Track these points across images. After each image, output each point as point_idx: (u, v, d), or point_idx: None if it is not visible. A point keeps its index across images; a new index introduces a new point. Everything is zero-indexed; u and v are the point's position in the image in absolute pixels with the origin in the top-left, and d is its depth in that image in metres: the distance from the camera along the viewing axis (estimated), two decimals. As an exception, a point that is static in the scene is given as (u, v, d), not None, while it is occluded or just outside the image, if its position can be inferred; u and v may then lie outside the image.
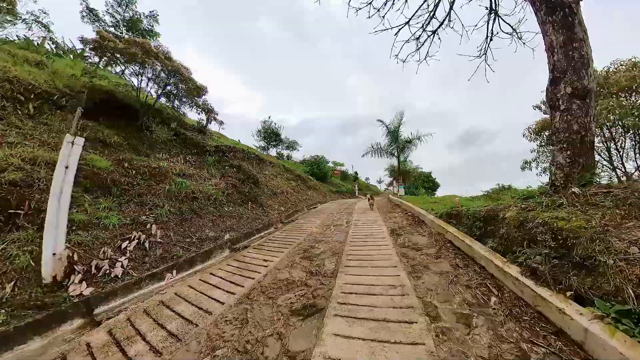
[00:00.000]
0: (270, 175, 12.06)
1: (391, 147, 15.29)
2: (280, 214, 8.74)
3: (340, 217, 7.03)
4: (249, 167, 10.99)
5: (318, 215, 8.20)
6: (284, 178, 13.23)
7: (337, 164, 31.58)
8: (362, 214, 7.50)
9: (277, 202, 9.82)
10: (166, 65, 8.99)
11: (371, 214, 7.53)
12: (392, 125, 14.80)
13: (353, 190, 25.70)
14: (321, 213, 8.77)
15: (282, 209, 9.32)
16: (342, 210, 8.87)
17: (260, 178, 10.68)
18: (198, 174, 8.42)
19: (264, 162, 12.83)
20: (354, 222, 6.25)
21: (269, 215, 8.37)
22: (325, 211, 9.12)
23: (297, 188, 13.16)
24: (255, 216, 7.77)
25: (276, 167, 13.86)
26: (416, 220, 5.73)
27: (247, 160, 11.67)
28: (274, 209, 9.05)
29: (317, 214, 8.55)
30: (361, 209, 8.95)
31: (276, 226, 7.51)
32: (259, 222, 7.48)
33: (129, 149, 7.25)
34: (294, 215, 9.08)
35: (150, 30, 19.11)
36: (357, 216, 6.88)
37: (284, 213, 8.96)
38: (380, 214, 7.30)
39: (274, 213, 8.76)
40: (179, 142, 10.88)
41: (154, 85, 9.65)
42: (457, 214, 4.31)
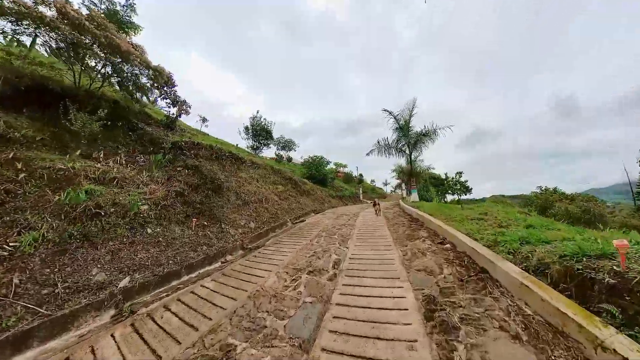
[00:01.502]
0: (248, 178, 9.42)
1: (401, 143, 12.42)
2: (245, 235, 6.06)
3: (328, 247, 4.26)
4: (216, 168, 8.40)
5: (298, 239, 5.45)
6: (268, 182, 10.58)
7: (339, 165, 28.79)
8: (366, 241, 4.68)
9: (247, 214, 7.14)
10: (97, 36, 6.56)
11: (380, 240, 4.68)
12: (402, 116, 11.94)
13: (357, 194, 22.81)
14: (306, 233, 6.01)
15: (251, 226, 6.64)
16: (337, 228, 6.07)
17: (230, 182, 8.05)
18: (133, 178, 5.86)
19: (242, 162, 10.22)
20: (348, 263, 3.43)
21: (227, 237, 5.71)
22: (312, 229, 6.35)
23: (285, 194, 10.47)
24: (199, 240, 5.13)
25: (261, 168, 11.23)
26: (465, 262, 2.89)
27: (217, 160, 9.07)
28: (239, 226, 6.38)
29: (299, 236, 5.80)
30: (365, 225, 6.12)
31: (229, 256, 4.82)
32: (203, 249, 4.80)
33: (51, 146, 5.07)
34: (266, 236, 6.37)
35: (129, 22, 17.06)
36: (356, 249, 4.05)
37: (252, 233, 6.28)
38: (396, 240, 4.45)
39: (238, 232, 6.09)
40: (135, 138, 8.44)
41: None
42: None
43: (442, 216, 5.59)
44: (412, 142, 11.77)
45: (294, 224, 7.79)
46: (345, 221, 6.72)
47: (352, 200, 19.40)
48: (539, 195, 9.58)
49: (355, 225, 5.97)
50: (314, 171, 17.58)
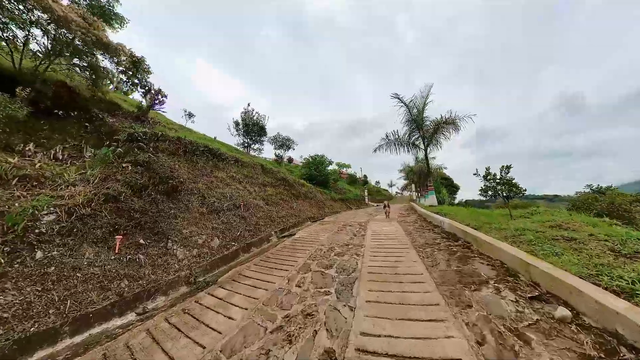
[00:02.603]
0: (226, 178, 7.54)
1: (414, 136, 10.36)
2: (200, 259, 4.13)
3: (314, 303, 2.28)
4: (181, 165, 6.55)
5: (272, 272, 3.43)
6: (255, 183, 8.68)
7: (342, 165, 26.79)
8: (386, 288, 2.64)
9: (212, 226, 5.23)
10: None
11: (412, 286, 2.60)
12: (414, 104, 9.90)
13: (362, 197, 20.73)
14: (289, 258, 3.99)
15: (213, 244, 4.71)
16: (336, 252, 4.04)
17: (196, 183, 6.19)
18: (56, 177, 4.08)
19: (222, 159, 8.36)
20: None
21: (170, 263, 3.81)
22: (299, 252, 4.33)
23: (275, 198, 8.54)
24: (121, 269, 3.24)
25: (248, 167, 9.35)
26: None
27: (187, 155, 7.22)
28: (194, 245, 4.45)
29: (277, 263, 3.77)
30: (379, 247, 4.05)
31: (159, 298, 2.86)
32: (121, 286, 2.87)
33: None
34: (232, 260, 4.40)
35: (112, 13, 15.60)
36: (370, 315, 2.05)
37: (214, 255, 4.34)
38: (441, 286, 2.39)
39: (190, 255, 4.16)
40: (91, 130, 6.73)
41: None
42: None
43: (496, 232, 3.55)
44: (428, 135, 9.70)
45: (280, 239, 5.83)
46: (349, 238, 4.70)
47: (357, 204, 17.33)
48: (595, 197, 7.36)
49: (363, 247, 3.95)
50: (314, 172, 15.63)
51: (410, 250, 3.45)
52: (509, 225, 4.38)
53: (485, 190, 5.17)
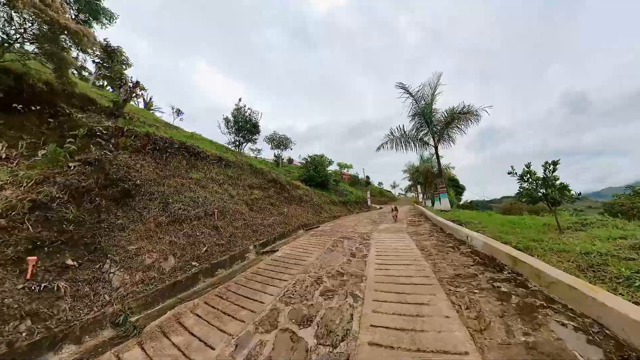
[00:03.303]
0: (203, 180, 6.40)
1: (422, 131, 9.09)
2: (143, 287, 2.95)
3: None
4: (146, 164, 5.44)
5: (224, 322, 2.21)
6: (239, 185, 7.52)
7: (343, 165, 25.50)
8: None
9: (169, 240, 4.06)
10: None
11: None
12: (422, 95, 8.64)
13: (364, 199, 19.42)
14: (258, 291, 2.75)
15: (166, 265, 3.52)
16: (323, 290, 2.81)
17: (162, 186, 5.06)
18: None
19: (201, 157, 7.23)
20: None
21: (99, 294, 2.62)
22: (275, 283, 3.11)
23: (262, 202, 7.36)
24: (26, 305, 2.00)
25: (234, 167, 8.21)
26: None
27: (157, 153, 6.10)
28: (140, 267, 3.28)
29: (229, 311, 2.54)
30: (389, 282, 2.80)
31: None
32: (12, 336, 1.55)
33: None
34: (183, 292, 3.16)
35: (99, 8, 14.71)
36: None
37: (164, 280, 3.15)
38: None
39: (132, 281, 2.98)
40: (54, 125, 5.78)
41: None
42: None
43: (555, 255, 2.30)
44: (438, 130, 8.42)
45: (259, 255, 4.62)
46: (345, 260, 3.44)
47: (359, 207, 16.04)
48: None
49: (363, 281, 2.70)
50: (313, 172, 14.43)
51: (436, 291, 2.20)
52: (565, 243, 3.11)
53: (524, 195, 3.89)
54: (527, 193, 3.85)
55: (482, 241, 3.27)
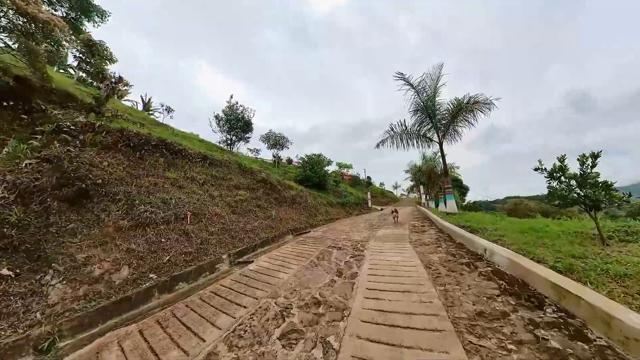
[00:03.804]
0: (182, 179, 5.72)
1: (425, 126, 8.29)
2: (81, 304, 2.21)
3: None
4: (112, 161, 4.76)
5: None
6: (224, 185, 6.82)
7: (342, 165, 24.60)
8: None
9: (126, 248, 3.34)
10: None
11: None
12: (423, 87, 7.85)
13: (364, 200, 18.60)
14: (188, 331, 1.99)
15: (117, 277, 2.77)
16: (286, 323, 2.06)
17: (130, 185, 4.39)
18: None
19: (182, 155, 6.55)
20: None
21: (28, 312, 1.87)
22: (222, 314, 2.34)
23: (247, 204, 6.63)
24: None
25: (220, 166, 7.52)
26: None
27: (131, 150, 5.45)
28: (86, 280, 2.53)
29: (156, 349, 1.79)
30: (380, 316, 2.03)
31: None
32: None
33: None
34: (129, 311, 2.33)
35: (90, 5, 14.16)
36: None
37: (112, 295, 2.40)
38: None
39: (73, 295, 2.25)
40: (27, 122, 5.20)
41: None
42: None
43: (613, 282, 1.47)
44: (443, 124, 7.60)
45: (233, 266, 3.88)
46: (328, 281, 2.65)
47: (358, 209, 15.22)
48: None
49: (345, 317, 1.94)
50: (309, 172, 13.69)
51: (450, 343, 1.42)
52: (620, 261, 2.31)
53: (555, 196, 3.08)
54: (561, 195, 3.04)
55: (506, 258, 2.47)
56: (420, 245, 3.66)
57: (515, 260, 2.40)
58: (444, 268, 2.65)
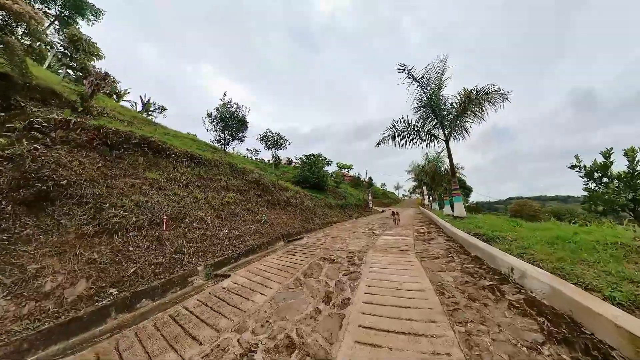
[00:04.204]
0: (164, 180, 5.19)
1: (429, 123, 7.67)
2: (25, 323, 1.64)
3: None
4: (84, 160, 4.22)
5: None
6: (212, 187, 6.27)
7: (342, 166, 23.91)
8: None
9: (86, 259, 2.77)
10: None
11: None
12: (427, 81, 7.25)
13: (365, 202, 17.95)
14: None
15: (69, 293, 2.17)
16: None
17: (101, 187, 3.85)
18: None
19: (166, 155, 6.02)
20: None
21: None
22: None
23: (237, 208, 6.07)
24: None
25: (206, 166, 6.97)
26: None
27: (108, 149, 4.91)
28: (35, 295, 1.95)
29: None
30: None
31: None
32: None
33: None
34: (80, 334, 1.82)
35: (84, 3, 13.78)
36: None
37: (44, 322, 1.82)
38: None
39: (21, 311, 1.79)
40: (4, 119, 4.66)
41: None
42: None
43: None
44: (450, 119, 6.97)
45: (209, 280, 3.30)
46: (310, 310, 2.07)
47: (359, 211, 14.59)
48: None
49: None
50: (307, 173, 13.12)
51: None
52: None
53: (600, 200, 2.47)
54: (609, 199, 2.42)
55: (546, 284, 1.86)
56: (428, 259, 3.05)
57: (558, 288, 1.79)
58: (462, 294, 2.04)
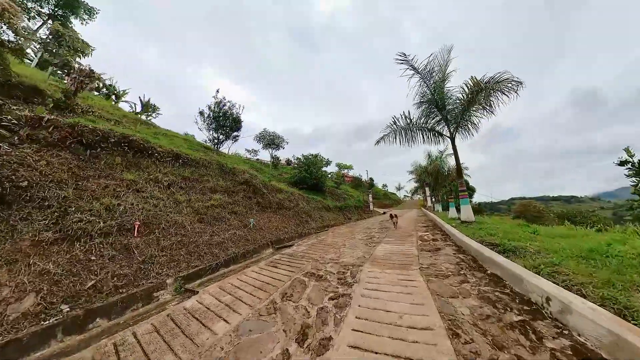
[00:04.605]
0: (143, 181, 4.70)
1: (433, 119, 7.10)
2: None
3: None
4: (53, 160, 3.73)
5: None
6: (197, 188, 5.77)
7: (342, 166, 23.23)
8: None
9: (39, 269, 2.25)
10: None
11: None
12: (430, 72, 6.68)
13: (366, 203, 17.36)
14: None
15: (12, 309, 1.64)
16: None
17: (65, 190, 3.35)
18: None
19: (149, 154, 5.54)
20: None
21: None
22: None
23: (223, 211, 5.55)
24: None
25: (193, 166, 6.48)
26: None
27: (83, 148, 4.42)
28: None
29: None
30: None
31: None
32: None
33: None
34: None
35: (77, 2, 13.42)
36: None
37: None
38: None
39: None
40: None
41: None
42: None
43: None
44: (456, 113, 6.39)
45: (177, 295, 2.77)
46: (276, 354, 1.59)
47: (358, 213, 14.00)
48: None
49: None
50: (305, 173, 12.59)
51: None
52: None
53: None
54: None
55: (603, 328, 1.30)
56: (436, 278, 2.48)
57: (624, 337, 1.22)
58: (484, 338, 1.48)
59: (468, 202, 5.89)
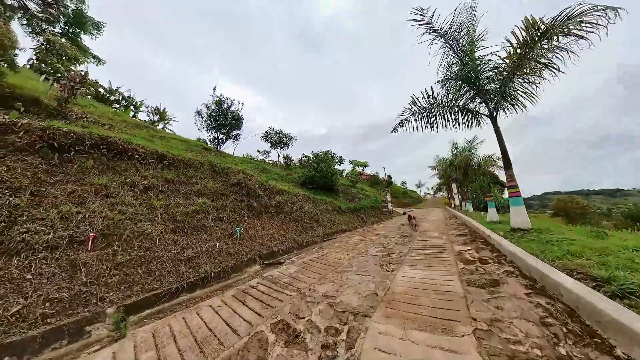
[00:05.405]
0: (115, 185, 3.92)
1: (464, 95, 5.54)
2: None
3: None
4: (17, 165, 3.04)
5: None
6: (182, 192, 4.93)
7: (357, 163, 21.47)
8: None
9: None
10: None
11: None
12: (455, 36, 5.11)
13: (383, 203, 15.71)
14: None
15: None
16: None
17: (18, 197, 2.54)
18: None
19: (127, 156, 4.82)
20: None
21: None
22: None
23: (204, 218, 4.62)
24: None
25: (181, 167, 5.69)
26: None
27: (53, 152, 3.75)
28: None
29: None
30: None
31: None
32: None
33: None
34: None
35: (83, 17, 13.69)
36: None
37: None
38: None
39: None
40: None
41: None
42: None
43: None
44: (502, 82, 4.77)
45: (115, 330, 1.81)
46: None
47: (375, 215, 12.49)
48: None
49: None
50: (314, 172, 11.46)
51: None
52: None
53: None
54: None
55: None
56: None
57: None
58: None
59: (522, 202, 4.27)
